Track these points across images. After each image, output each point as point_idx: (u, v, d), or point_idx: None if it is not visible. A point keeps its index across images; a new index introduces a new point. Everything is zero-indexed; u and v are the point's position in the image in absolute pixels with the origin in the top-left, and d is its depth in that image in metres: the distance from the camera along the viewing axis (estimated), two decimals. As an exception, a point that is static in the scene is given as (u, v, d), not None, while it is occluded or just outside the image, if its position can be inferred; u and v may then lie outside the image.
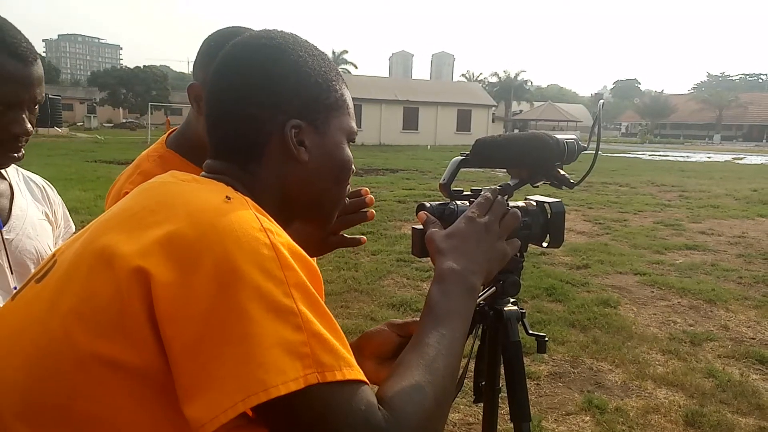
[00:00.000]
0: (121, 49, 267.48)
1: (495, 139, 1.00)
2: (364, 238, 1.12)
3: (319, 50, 0.81)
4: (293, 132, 0.75)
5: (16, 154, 1.10)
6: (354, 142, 0.84)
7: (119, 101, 53.86)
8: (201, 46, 1.21)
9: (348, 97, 0.83)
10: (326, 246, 1.07)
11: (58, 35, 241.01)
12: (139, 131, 40.49)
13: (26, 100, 1.07)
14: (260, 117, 0.75)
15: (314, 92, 0.77)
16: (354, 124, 0.83)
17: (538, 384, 3.23)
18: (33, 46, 1.08)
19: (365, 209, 1.07)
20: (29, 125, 1.09)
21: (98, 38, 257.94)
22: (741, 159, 28.29)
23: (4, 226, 1.14)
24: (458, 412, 2.87)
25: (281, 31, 0.80)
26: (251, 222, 0.63)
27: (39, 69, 1.09)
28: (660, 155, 30.20)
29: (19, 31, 1.07)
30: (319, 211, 0.84)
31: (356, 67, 54.18)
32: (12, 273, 1.12)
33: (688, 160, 26.74)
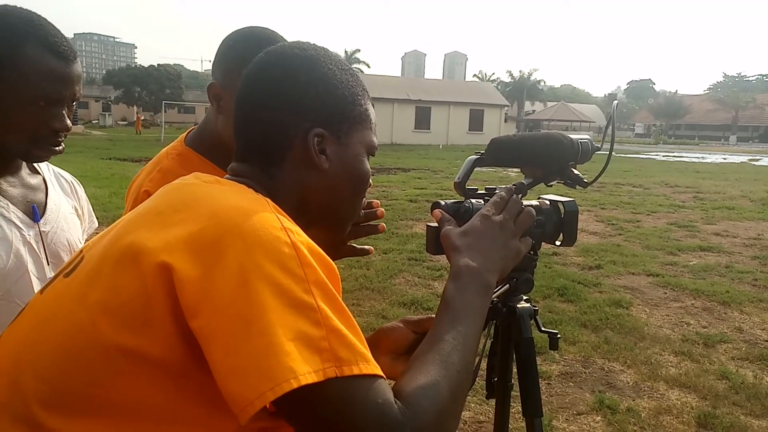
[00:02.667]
0: (136, 48, 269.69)
1: (510, 139, 1.02)
2: (371, 248, 1.17)
3: (348, 66, 0.84)
4: (316, 140, 0.78)
5: (57, 148, 1.14)
6: (374, 156, 0.86)
7: (134, 99, 54.29)
8: (220, 47, 1.23)
9: (372, 113, 0.86)
10: (336, 254, 1.11)
11: (74, 34, 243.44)
12: (153, 129, 40.81)
13: (66, 97, 1.10)
14: (286, 122, 0.78)
15: (340, 104, 0.80)
16: (375, 140, 0.86)
17: (549, 383, 3.23)
18: (72, 46, 1.11)
19: (376, 221, 1.13)
20: (69, 121, 1.12)
21: (113, 37, 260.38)
22: (757, 160, 27.93)
23: (40, 219, 1.17)
24: (469, 411, 2.88)
25: (314, 44, 0.84)
26: (272, 222, 0.66)
27: (78, 67, 1.12)
28: (674, 156, 29.91)
29: (59, 30, 1.10)
30: (334, 219, 0.86)
31: (369, 66, 54.25)
32: (48, 264, 1.15)
33: (703, 161, 26.45)
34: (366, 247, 1.15)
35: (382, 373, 0.64)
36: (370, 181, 0.87)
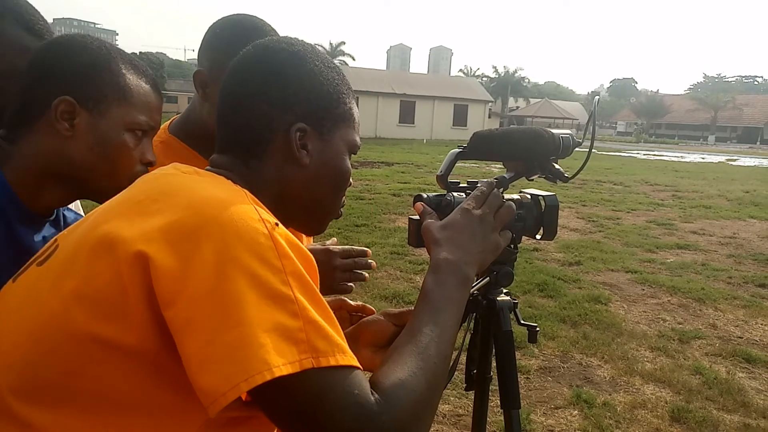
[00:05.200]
0: (117, 35, 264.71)
1: (492, 133, 1.02)
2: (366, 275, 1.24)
3: (335, 64, 0.84)
4: (298, 135, 0.78)
5: None
6: (355, 154, 0.86)
7: (114, 87, 53.26)
8: (206, 34, 1.23)
9: (356, 112, 0.86)
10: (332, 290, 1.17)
11: (54, 19, 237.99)
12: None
13: None
14: (269, 116, 0.78)
15: (324, 101, 0.80)
16: (358, 139, 0.86)
17: (528, 378, 3.27)
18: (50, 27, 1.11)
19: (366, 267, 1.22)
20: None
21: (94, 23, 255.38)
22: (734, 160, 28.43)
23: None
24: (448, 404, 2.90)
25: (301, 40, 0.84)
26: (250, 213, 0.65)
27: None
28: (654, 155, 30.31)
29: (37, 10, 1.10)
30: (312, 214, 0.86)
31: (354, 59, 53.98)
32: None
33: (682, 160, 26.84)
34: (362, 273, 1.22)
35: (358, 365, 0.64)
36: (351, 179, 0.87)
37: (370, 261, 1.23)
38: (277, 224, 0.66)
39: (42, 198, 0.96)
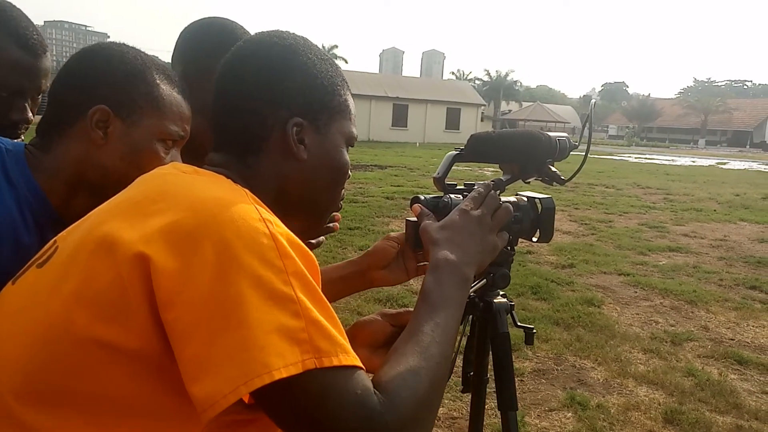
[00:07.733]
0: (109, 37, 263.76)
1: (489, 135, 1.03)
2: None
3: (327, 56, 0.83)
4: (294, 130, 0.78)
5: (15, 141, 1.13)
6: (353, 146, 0.86)
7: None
8: (177, 40, 1.23)
9: (351, 103, 0.85)
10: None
11: (45, 21, 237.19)
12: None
13: (30, 89, 1.09)
14: (264, 111, 0.77)
15: (319, 94, 0.80)
16: (354, 130, 0.86)
17: (521, 380, 3.27)
18: (43, 39, 1.11)
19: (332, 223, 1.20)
20: (30, 114, 1.11)
21: (85, 26, 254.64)
22: (725, 164, 28.63)
23: None
24: (443, 407, 2.90)
25: (293, 33, 0.83)
26: (251, 213, 0.65)
27: (46, 62, 1.11)
28: (646, 158, 30.49)
29: (31, 23, 1.09)
30: (312, 209, 0.86)
31: (346, 62, 53.98)
32: None
33: (673, 163, 27.00)
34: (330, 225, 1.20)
35: (361, 364, 0.64)
36: (349, 172, 0.87)
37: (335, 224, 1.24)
38: (278, 224, 0.66)
39: (73, 206, 0.96)
